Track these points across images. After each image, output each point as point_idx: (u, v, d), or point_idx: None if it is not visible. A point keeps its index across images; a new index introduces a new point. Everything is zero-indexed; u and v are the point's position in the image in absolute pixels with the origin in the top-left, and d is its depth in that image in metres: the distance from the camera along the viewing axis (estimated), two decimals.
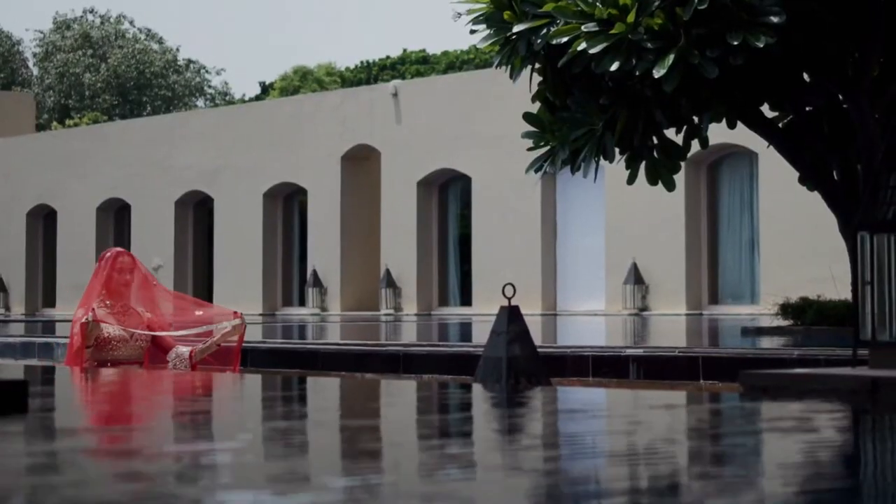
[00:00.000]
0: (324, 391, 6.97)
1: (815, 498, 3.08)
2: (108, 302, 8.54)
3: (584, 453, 3.97)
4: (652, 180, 11.58)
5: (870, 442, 4.41)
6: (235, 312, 8.81)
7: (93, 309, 8.44)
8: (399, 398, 6.26)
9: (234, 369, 8.92)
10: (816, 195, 12.44)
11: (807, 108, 12.21)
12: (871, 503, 3.04)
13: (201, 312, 8.98)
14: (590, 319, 26.35)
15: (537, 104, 11.78)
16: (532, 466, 3.61)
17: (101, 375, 7.92)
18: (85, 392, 6.84)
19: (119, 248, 8.89)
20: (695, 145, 11.78)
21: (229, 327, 8.61)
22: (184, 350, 8.61)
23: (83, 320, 8.36)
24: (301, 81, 65.01)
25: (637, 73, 10.39)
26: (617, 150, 11.24)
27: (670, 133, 11.65)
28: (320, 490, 3.16)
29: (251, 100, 64.13)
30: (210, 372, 8.58)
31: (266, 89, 67.54)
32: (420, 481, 3.33)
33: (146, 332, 8.50)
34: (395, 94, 33.87)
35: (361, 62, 65.54)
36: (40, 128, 57.42)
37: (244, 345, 9.03)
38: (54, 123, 62.52)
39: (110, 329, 8.41)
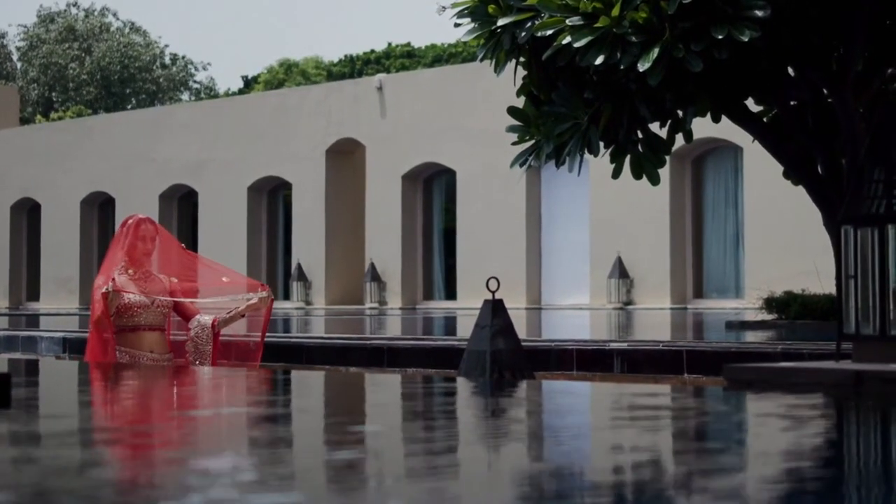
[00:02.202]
0: (308, 385, 6.96)
1: (798, 490, 3.08)
2: (130, 270, 8.38)
3: (564, 444, 3.97)
4: (636, 174, 11.57)
5: (853, 434, 4.42)
6: (263, 285, 8.66)
7: (112, 278, 8.26)
8: (383, 392, 6.25)
9: (256, 364, 8.83)
10: (801, 189, 12.44)
11: (791, 102, 12.21)
12: (855, 494, 3.04)
13: (228, 279, 8.89)
14: (574, 313, 26.37)
15: (522, 98, 11.77)
16: (509, 458, 3.61)
17: (89, 370, 7.90)
18: (69, 386, 6.82)
19: (141, 215, 8.65)
20: (679, 139, 11.78)
21: (256, 299, 8.47)
22: (206, 319, 8.50)
23: (103, 290, 8.17)
24: (286, 74, 64.90)
25: (622, 67, 10.38)
26: (601, 143, 11.23)
27: (654, 127, 11.64)
28: (300, 484, 3.15)
29: (234, 94, 64.01)
30: (228, 366, 8.52)
31: (249, 83, 67.39)
32: (395, 472, 3.33)
33: (168, 298, 8.39)
34: (380, 88, 33.86)
35: (346, 56, 65.46)
36: (24, 121, 57.29)
37: (233, 339, 8.97)
38: (38, 117, 62.38)
39: (131, 296, 8.29)
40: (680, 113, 11.52)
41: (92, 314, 8.42)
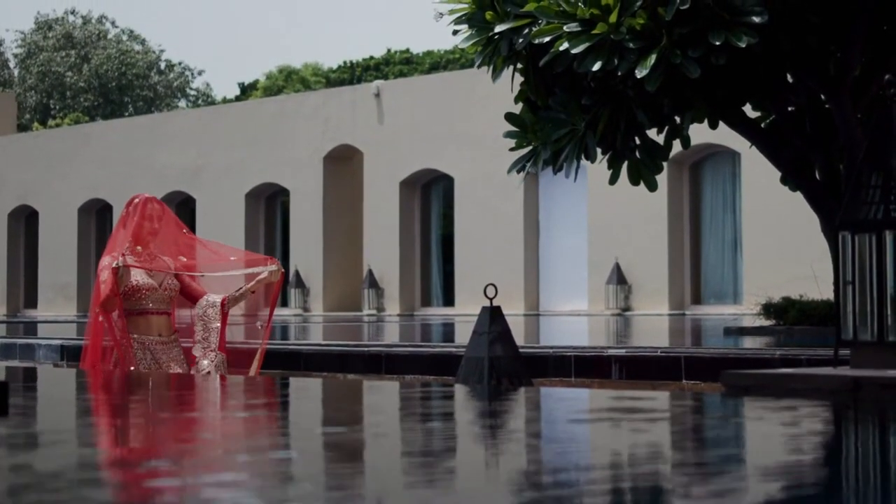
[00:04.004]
0: (307, 391, 6.96)
1: (796, 496, 3.08)
2: (138, 248, 8.16)
3: (561, 451, 3.96)
4: (634, 180, 11.58)
5: (851, 440, 4.41)
6: (271, 258, 8.47)
7: (122, 254, 8.03)
8: (380, 399, 6.25)
9: (257, 371, 8.66)
10: (799, 195, 12.45)
11: (789, 108, 12.22)
12: (854, 500, 3.04)
13: (235, 258, 8.63)
14: (572, 319, 26.36)
15: (519, 104, 11.77)
16: (505, 465, 3.61)
17: (86, 377, 7.89)
18: (67, 393, 6.81)
19: (147, 195, 8.39)
20: (677, 145, 11.78)
21: (266, 273, 8.30)
22: (215, 297, 8.32)
23: (114, 265, 7.92)
24: (285, 81, 64.93)
25: (619, 73, 10.38)
26: (599, 150, 11.24)
27: (652, 133, 11.65)
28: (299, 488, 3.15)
29: (231, 101, 63.99)
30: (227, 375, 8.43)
31: (245, 90, 67.38)
32: (393, 477, 3.33)
33: (174, 281, 8.21)
34: (378, 95, 33.86)
35: (345, 62, 65.48)
36: (22, 128, 57.27)
37: (238, 346, 8.87)
38: (36, 124, 62.37)
39: (139, 277, 8.11)
40: (677, 119, 11.52)
41: (96, 299, 8.19)
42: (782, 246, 26.50)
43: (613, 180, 11.66)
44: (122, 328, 8.16)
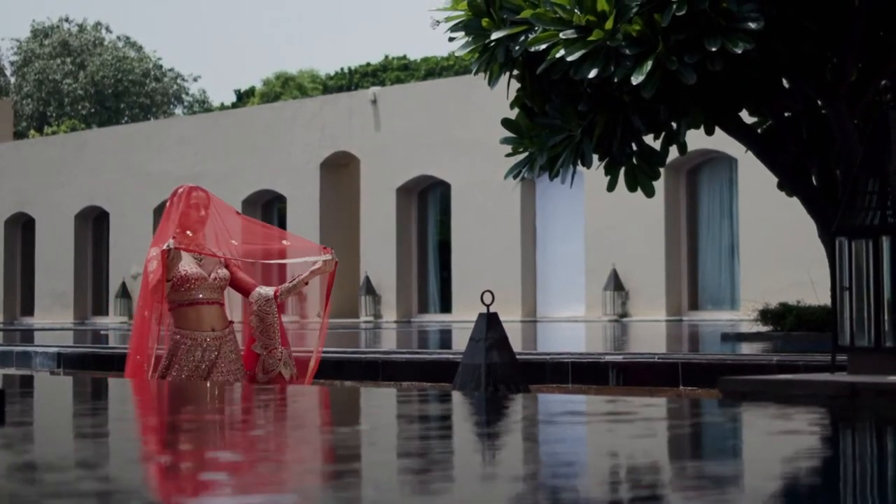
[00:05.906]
0: (302, 398, 6.95)
1: (793, 501, 3.08)
2: (188, 232, 7.89)
3: (558, 458, 3.96)
4: (631, 186, 11.57)
5: (848, 447, 4.41)
6: (325, 248, 8.23)
7: (174, 236, 7.74)
8: (377, 406, 6.25)
9: (310, 379, 8.55)
10: (796, 200, 12.45)
11: (785, 114, 12.23)
12: None
13: (288, 242, 8.38)
14: (569, 326, 26.36)
15: (516, 110, 11.77)
16: (502, 472, 3.60)
17: (84, 384, 7.87)
18: (64, 402, 6.80)
19: (191, 184, 8.09)
20: (674, 151, 11.78)
21: (320, 263, 8.09)
22: (268, 290, 8.11)
23: (164, 247, 7.61)
24: (282, 88, 64.93)
25: (615, 80, 10.38)
26: (596, 156, 11.23)
27: (649, 139, 11.65)
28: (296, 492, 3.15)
29: (228, 107, 63.95)
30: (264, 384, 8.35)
31: (241, 97, 67.34)
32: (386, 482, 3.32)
33: (224, 271, 7.96)
34: (375, 101, 33.87)
35: (342, 69, 65.48)
36: (18, 135, 57.24)
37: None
38: (32, 131, 62.36)
39: (187, 267, 7.83)
40: (674, 125, 11.52)
41: (143, 292, 7.87)
42: (779, 252, 26.51)
43: (611, 187, 11.66)
44: (165, 329, 7.89)
